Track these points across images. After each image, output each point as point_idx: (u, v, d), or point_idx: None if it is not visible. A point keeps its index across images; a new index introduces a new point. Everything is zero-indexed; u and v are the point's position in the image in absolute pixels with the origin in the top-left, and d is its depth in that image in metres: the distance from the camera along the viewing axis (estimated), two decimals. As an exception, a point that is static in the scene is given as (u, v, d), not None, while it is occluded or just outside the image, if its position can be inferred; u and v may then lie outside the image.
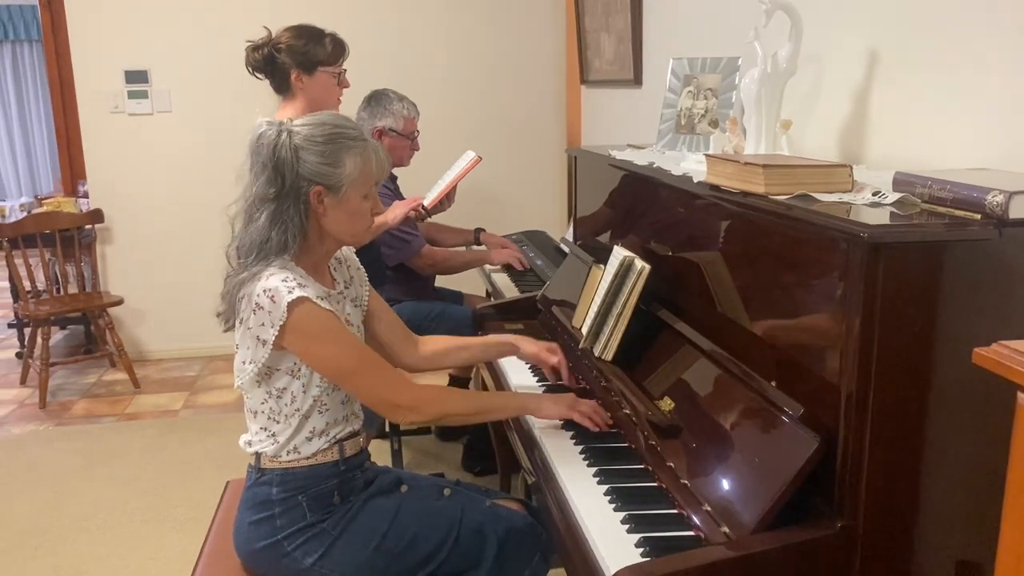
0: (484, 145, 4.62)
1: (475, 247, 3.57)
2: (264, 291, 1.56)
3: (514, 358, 2.27)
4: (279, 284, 1.56)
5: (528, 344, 2.04)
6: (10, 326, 5.08)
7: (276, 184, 1.59)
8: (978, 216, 1.18)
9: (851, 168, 1.44)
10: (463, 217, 3.59)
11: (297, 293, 1.55)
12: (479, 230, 3.58)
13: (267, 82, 2.60)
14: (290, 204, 1.59)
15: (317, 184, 1.59)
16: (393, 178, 3.23)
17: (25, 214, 4.77)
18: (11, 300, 4.98)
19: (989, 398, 1.20)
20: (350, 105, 2.96)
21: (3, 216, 7.10)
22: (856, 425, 1.19)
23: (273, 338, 1.57)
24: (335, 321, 1.61)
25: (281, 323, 1.55)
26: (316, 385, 1.65)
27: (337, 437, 1.71)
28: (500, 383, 2.15)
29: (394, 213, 2.75)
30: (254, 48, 2.52)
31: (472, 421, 1.98)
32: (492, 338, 2.15)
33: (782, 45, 1.80)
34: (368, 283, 1.89)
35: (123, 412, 4.07)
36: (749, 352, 1.48)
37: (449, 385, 3.52)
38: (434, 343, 2.01)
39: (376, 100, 3.10)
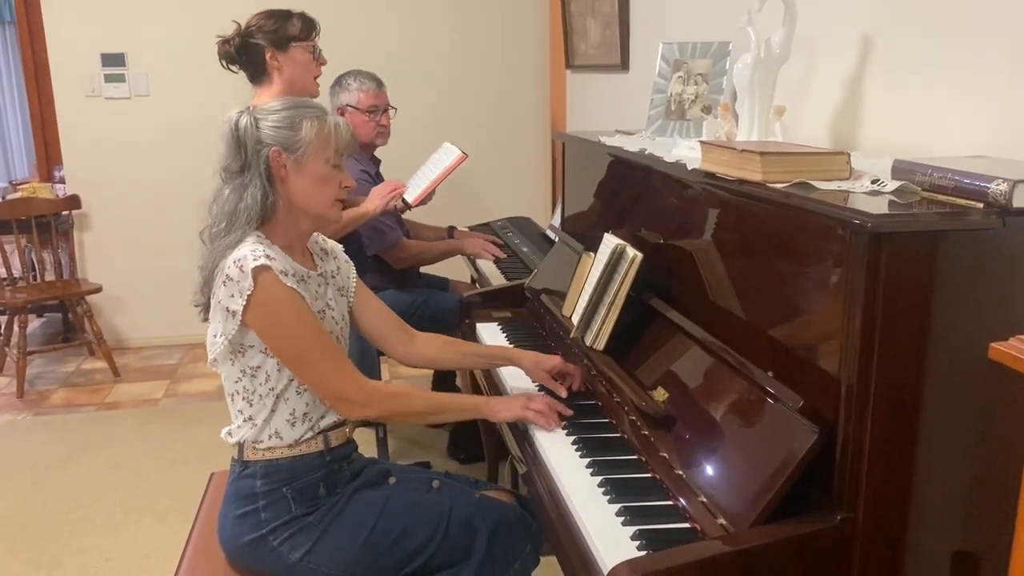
0: (467, 130, 4.61)
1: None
2: (234, 261, 1.57)
3: (507, 345, 2.25)
4: (247, 253, 1.56)
5: (532, 367, 1.89)
6: (-15, 314, 5.00)
7: (240, 157, 1.62)
8: (981, 205, 1.16)
9: (849, 155, 1.42)
10: (445, 204, 3.55)
11: (262, 261, 1.55)
12: (451, 228, 3.52)
13: (240, 71, 2.58)
14: (254, 173, 1.61)
15: (275, 145, 1.61)
16: (376, 162, 3.19)
17: (0, 200, 4.67)
18: (-14, 288, 4.89)
19: (991, 390, 1.19)
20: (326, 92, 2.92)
21: (-23, 202, 6.99)
22: (856, 417, 1.18)
23: (241, 308, 1.56)
24: (296, 299, 1.60)
25: (248, 293, 1.55)
26: None
27: (321, 426, 1.69)
28: (493, 380, 2.11)
29: (373, 203, 2.71)
30: (225, 41, 2.50)
31: (424, 421, 1.96)
32: (492, 349, 2.07)
33: (775, 30, 1.78)
34: (356, 276, 1.87)
35: (103, 401, 4.01)
36: (744, 342, 1.46)
37: (433, 382, 3.49)
38: (431, 344, 1.93)
39: (337, 81, 3.09)
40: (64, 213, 4.46)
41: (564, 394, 1.83)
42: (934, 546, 1.25)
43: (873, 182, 1.34)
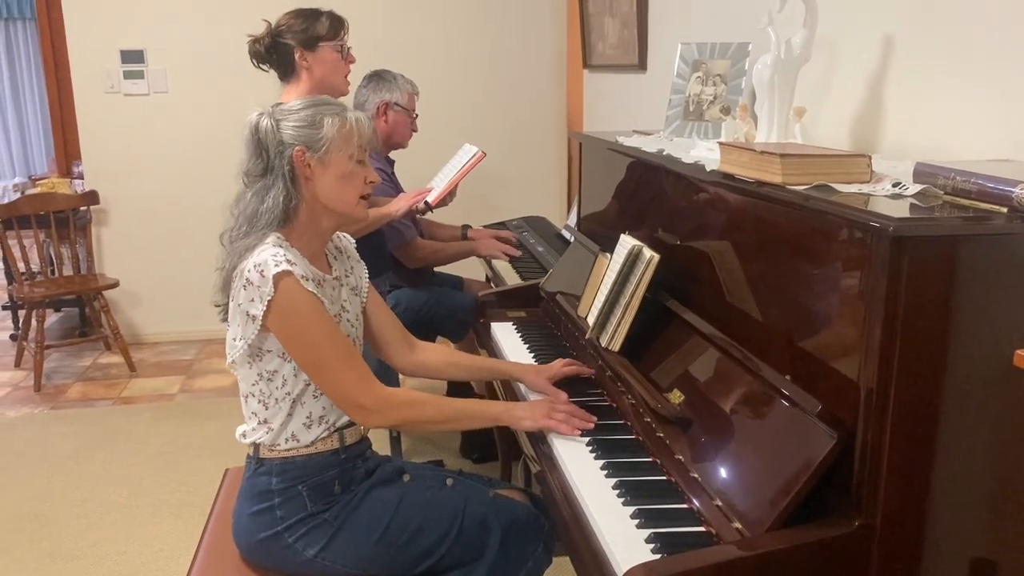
0: (483, 129, 4.61)
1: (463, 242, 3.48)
2: (255, 266, 1.56)
3: (522, 344, 2.25)
4: (268, 258, 1.55)
5: (534, 377, 1.90)
6: (4, 308, 5.03)
7: (263, 159, 1.62)
8: (1004, 210, 1.15)
9: (870, 158, 1.40)
10: (461, 202, 3.54)
11: (284, 267, 1.55)
12: (466, 227, 3.52)
13: (270, 69, 2.59)
14: (277, 175, 1.61)
15: (298, 145, 1.60)
16: (390, 162, 3.19)
17: (19, 195, 4.71)
18: (5, 282, 4.93)
19: (1013, 396, 1.17)
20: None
21: (-4, 196, 7.05)
22: (876, 422, 1.16)
23: (261, 313, 1.55)
24: (315, 304, 1.59)
25: (269, 298, 1.54)
26: None
27: (337, 425, 1.69)
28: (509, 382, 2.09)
29: (398, 205, 2.72)
30: (255, 40, 2.52)
31: (442, 429, 1.92)
32: (494, 363, 2.07)
33: (796, 31, 1.77)
34: (367, 277, 1.87)
35: (119, 396, 4.04)
36: (762, 345, 1.45)
37: (448, 385, 3.48)
38: (432, 353, 1.94)
39: (379, 76, 3.10)
40: (82, 208, 4.49)
41: (565, 398, 1.81)
42: (954, 553, 1.24)
43: (894, 185, 1.33)
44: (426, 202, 2.80)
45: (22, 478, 3.20)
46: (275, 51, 2.51)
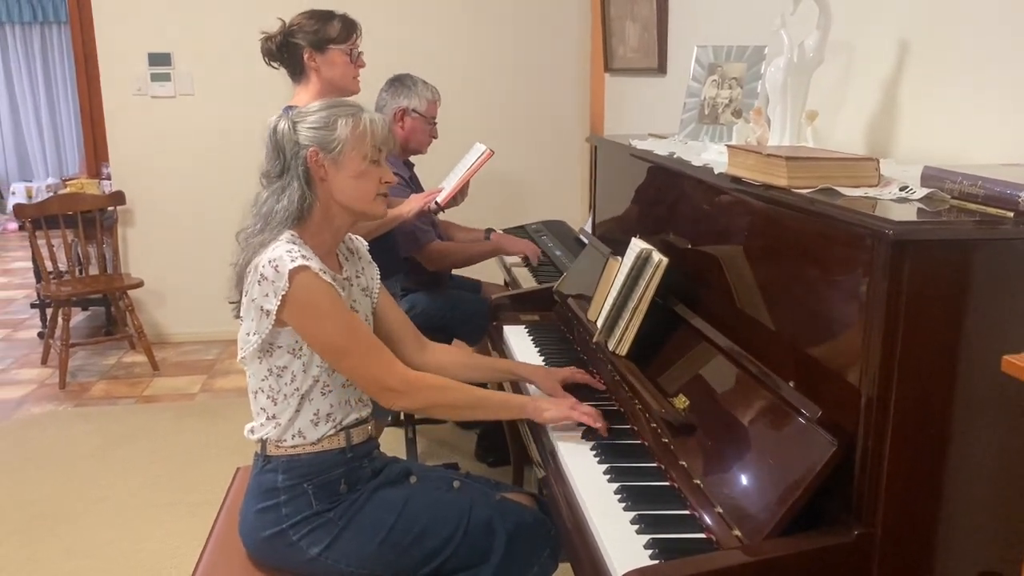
0: (505, 133, 4.61)
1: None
2: (269, 261, 1.57)
3: (533, 348, 2.25)
4: (283, 254, 1.57)
5: (544, 380, 1.90)
6: (32, 306, 5.12)
7: (279, 159, 1.65)
8: (1011, 214, 1.13)
9: (878, 162, 1.38)
10: (481, 206, 3.55)
11: (300, 262, 1.56)
12: (489, 231, 3.51)
13: (285, 71, 2.60)
14: (293, 176, 1.64)
15: (313, 146, 1.63)
16: (410, 165, 3.19)
17: (51, 195, 4.79)
18: (34, 280, 5.02)
19: (1016, 404, 1.15)
20: (370, 93, 2.93)
21: (31, 197, 7.18)
22: (876, 429, 1.15)
23: (275, 308, 1.57)
24: (333, 294, 1.61)
25: (283, 293, 1.56)
26: (317, 365, 1.65)
27: (344, 424, 1.70)
28: (519, 384, 2.08)
29: (409, 206, 2.72)
30: (268, 38, 2.54)
31: (466, 416, 1.92)
32: (505, 364, 2.07)
33: (809, 33, 1.75)
34: (379, 279, 1.88)
35: (141, 394, 4.09)
36: (767, 350, 1.44)
37: None
38: (443, 353, 1.95)
39: (399, 81, 3.09)
40: (109, 209, 4.55)
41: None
42: (957, 564, 1.22)
43: (901, 189, 1.31)
44: (436, 202, 2.80)
45: (43, 474, 3.24)
46: (286, 50, 2.53)
